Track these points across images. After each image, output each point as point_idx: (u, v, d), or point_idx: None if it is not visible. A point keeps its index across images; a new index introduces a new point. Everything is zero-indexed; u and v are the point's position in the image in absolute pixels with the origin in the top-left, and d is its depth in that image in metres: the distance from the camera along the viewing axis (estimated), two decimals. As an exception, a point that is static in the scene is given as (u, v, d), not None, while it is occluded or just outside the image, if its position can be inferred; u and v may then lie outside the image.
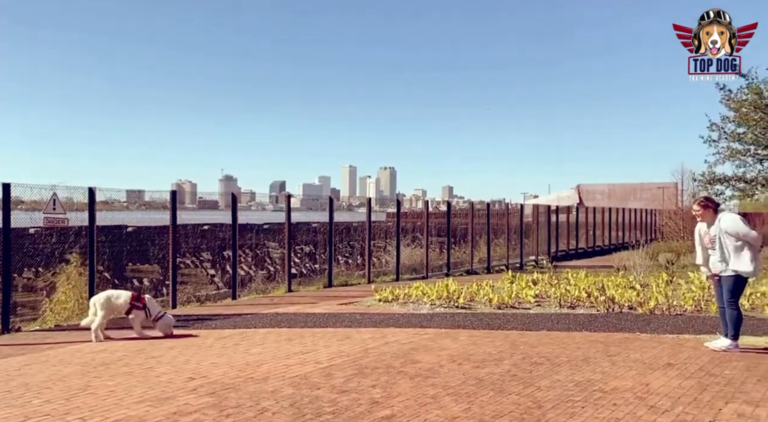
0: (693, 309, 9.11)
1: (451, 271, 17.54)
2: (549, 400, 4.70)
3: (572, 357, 6.21)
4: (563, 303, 9.83)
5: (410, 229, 19.97)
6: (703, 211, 6.54)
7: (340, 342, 7.05)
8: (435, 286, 10.91)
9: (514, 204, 25.34)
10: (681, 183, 32.48)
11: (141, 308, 7.53)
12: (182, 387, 5.15)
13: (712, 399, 4.71)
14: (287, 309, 10.07)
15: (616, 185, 56.69)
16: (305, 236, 18.27)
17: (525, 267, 20.08)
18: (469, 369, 5.70)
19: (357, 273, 16.26)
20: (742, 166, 9.16)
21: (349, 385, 5.14)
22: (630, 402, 4.65)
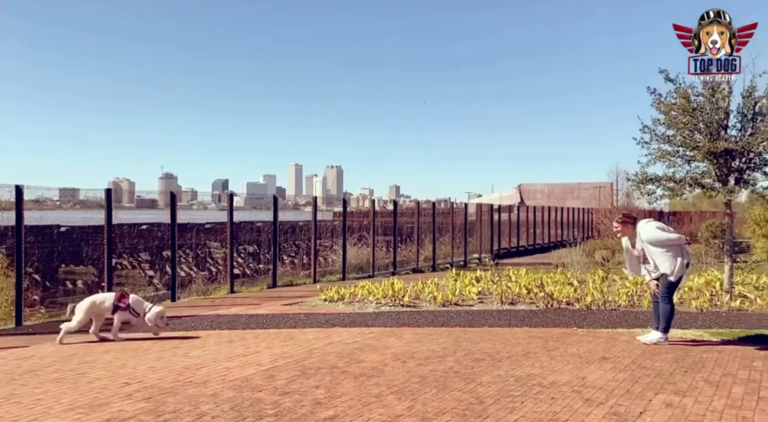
0: (627, 304, 9.49)
1: (397, 270, 17.63)
2: (490, 396, 4.78)
3: (513, 352, 6.35)
4: (504, 299, 10.05)
5: (357, 228, 19.96)
6: (623, 226, 6.86)
7: (283, 343, 6.95)
8: (381, 285, 10.94)
9: (459, 203, 25.76)
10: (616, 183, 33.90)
11: (124, 309, 7.33)
12: (117, 392, 4.95)
13: (644, 391, 4.91)
14: (229, 310, 9.86)
15: (556, 185, 58.53)
16: (249, 236, 17.94)
17: (469, 265, 20.42)
18: (413, 366, 5.73)
19: (302, 273, 16.11)
20: (672, 166, 9.55)
21: (291, 386, 5.07)
22: (567, 395, 4.79)
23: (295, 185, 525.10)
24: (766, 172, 9.27)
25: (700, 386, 5.05)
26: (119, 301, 7.34)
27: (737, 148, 8.93)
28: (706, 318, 8.41)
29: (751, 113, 9.12)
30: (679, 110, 9.14)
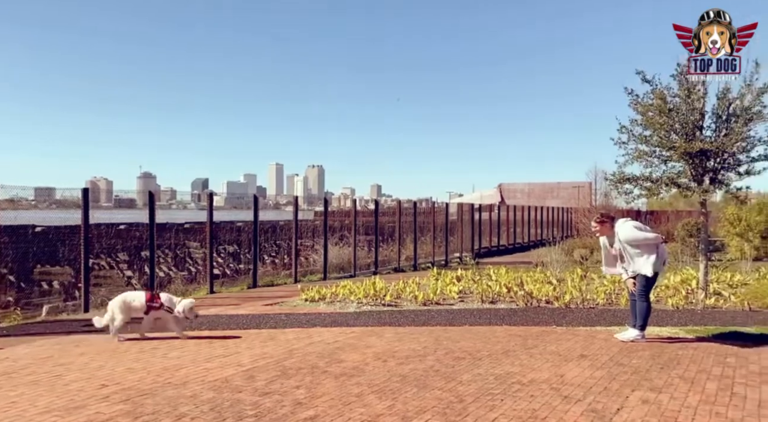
0: (605, 302, 9.62)
1: (378, 269, 17.64)
2: (470, 394, 4.81)
3: (493, 351, 6.39)
4: (485, 298, 10.12)
5: (338, 228, 19.92)
6: (601, 226, 6.95)
7: (263, 343, 6.91)
8: (362, 285, 10.93)
9: (440, 202, 25.88)
10: (594, 182, 34.32)
11: (158, 308, 7.22)
12: (93, 394, 4.88)
13: (621, 388, 4.99)
14: (209, 310, 9.76)
15: (536, 184, 59.04)
16: (229, 235, 17.82)
17: (450, 264, 20.51)
18: (393, 366, 5.75)
19: (283, 273, 16.03)
20: (649, 166, 9.67)
21: (272, 387, 5.05)
22: (546, 393, 4.84)
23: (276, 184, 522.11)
24: (739, 172, 9.45)
25: (676, 382, 5.14)
26: (151, 301, 7.24)
27: (712, 149, 9.09)
28: (681, 315, 8.56)
29: (726, 114, 9.29)
30: (655, 111, 9.28)
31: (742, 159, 9.38)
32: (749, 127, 9.11)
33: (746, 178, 9.51)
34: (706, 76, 9.26)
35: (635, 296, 6.83)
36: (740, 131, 9.02)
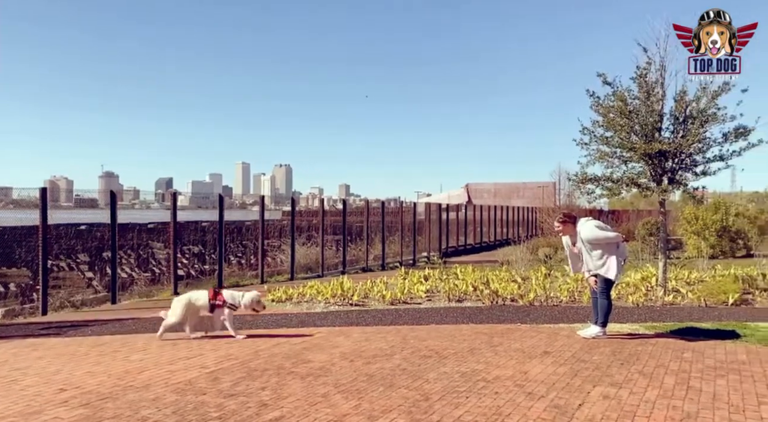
0: (568, 300, 9.81)
1: (346, 269, 17.60)
2: (436, 392, 4.85)
3: (459, 349, 6.45)
4: (452, 297, 10.21)
5: (306, 228, 19.83)
6: (563, 226, 7.08)
7: (228, 345, 6.83)
8: (330, 284, 10.90)
9: (408, 202, 25.99)
10: (558, 182, 34.89)
11: (221, 305, 7.12)
12: (51, 399, 4.74)
13: (583, 384, 5.09)
14: (173, 312, 9.60)
15: (502, 184, 59.80)
16: (194, 236, 17.53)
17: (418, 264, 20.61)
18: (360, 365, 5.75)
19: (250, 274, 15.86)
20: (610, 166, 9.90)
21: (237, 389, 4.99)
22: (510, 389, 4.91)
23: (242, 184, 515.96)
24: (696, 173, 9.75)
25: (635, 378, 5.28)
26: (214, 299, 7.16)
27: (670, 150, 9.36)
28: (641, 312, 8.80)
29: (683, 116, 9.58)
30: (616, 112, 9.51)
31: (698, 160, 9.68)
32: (705, 128, 9.41)
33: (702, 178, 9.83)
34: (664, 79, 9.52)
35: (597, 294, 6.98)
36: (696, 133, 9.31)
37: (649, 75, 9.44)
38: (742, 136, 9.44)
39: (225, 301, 7.15)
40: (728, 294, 9.39)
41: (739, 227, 20.17)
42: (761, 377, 5.29)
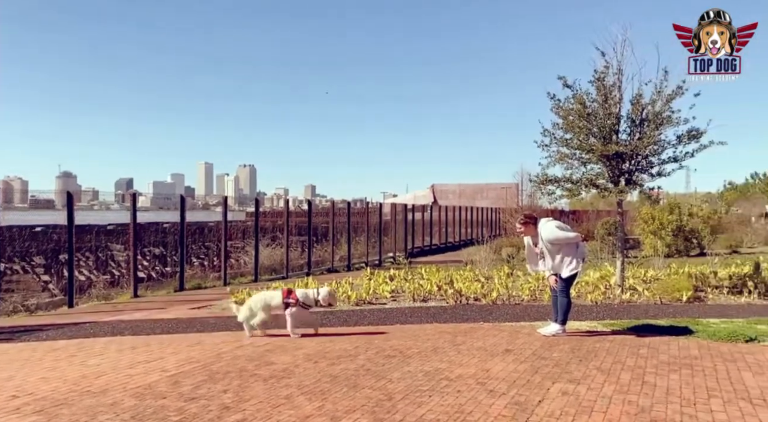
0: (529, 298, 9.99)
1: (312, 270, 17.52)
2: (399, 391, 4.88)
3: (422, 348, 6.50)
4: (417, 297, 10.27)
5: (270, 229, 19.64)
6: (525, 227, 7.21)
7: (190, 348, 6.73)
8: (294, 286, 10.81)
9: (375, 203, 26.03)
10: (521, 183, 35.50)
11: (294, 304, 7.24)
12: (3, 407, 4.59)
13: (542, 380, 5.20)
14: (132, 315, 9.41)
15: (466, 185, 60.44)
16: (155, 237, 17.17)
17: (383, 264, 20.66)
18: (324, 366, 5.74)
19: (212, 276, 15.63)
20: (570, 168, 10.13)
21: (198, 392, 4.92)
22: (472, 387, 4.98)
23: (205, 184, 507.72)
24: (651, 174, 10.06)
25: (593, 374, 5.42)
26: (288, 297, 7.26)
27: (627, 152, 9.63)
28: (600, 310, 9.02)
29: (639, 119, 9.87)
30: (575, 115, 9.73)
31: (653, 161, 9.99)
32: (660, 131, 9.71)
33: (658, 179, 10.16)
34: (621, 82, 9.79)
35: (557, 292, 7.13)
36: (652, 135, 9.61)
37: (607, 78, 9.71)
38: (695, 138, 9.78)
39: (297, 300, 7.27)
40: (682, 292, 9.70)
41: (693, 227, 20.87)
42: (711, 371, 5.49)
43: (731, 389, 4.93)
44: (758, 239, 25.91)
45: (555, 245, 6.96)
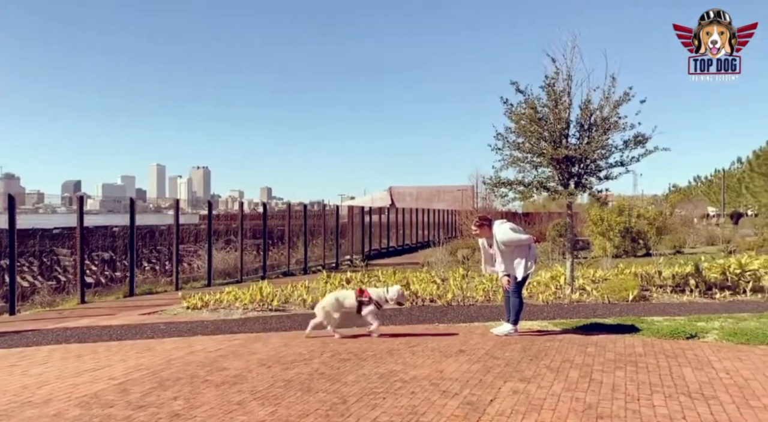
0: (483, 299, 10.14)
1: (267, 274, 17.31)
2: (354, 394, 4.88)
3: (378, 350, 6.52)
4: (372, 299, 10.26)
5: (225, 232, 19.31)
6: (480, 229, 7.35)
7: (139, 354, 6.55)
8: (249, 290, 10.67)
9: (332, 205, 25.92)
10: (476, 186, 35.99)
11: (368, 303, 7.25)
12: (-64, 422, 4.37)
13: (495, 380, 5.29)
14: (79, 322, 9.08)
15: (423, 187, 60.93)
16: (104, 241, 16.63)
17: (341, 267, 20.59)
18: (278, 371, 5.68)
19: (164, 280, 15.25)
20: (522, 171, 10.33)
21: (147, 400, 4.80)
22: (426, 389, 5.03)
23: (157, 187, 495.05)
24: (599, 177, 10.37)
25: (543, 372, 5.55)
26: (361, 296, 7.28)
27: (576, 155, 9.90)
28: (550, 310, 9.24)
29: (587, 124, 10.16)
30: (527, 120, 9.95)
31: (601, 165, 10.29)
32: (607, 135, 10.02)
33: (605, 182, 10.47)
34: (570, 88, 10.06)
35: (509, 293, 7.28)
36: (600, 140, 9.91)
37: (557, 84, 9.96)
38: (641, 143, 10.13)
39: (371, 298, 7.30)
40: (629, 291, 10.03)
41: (640, 228, 21.61)
42: (655, 368, 5.71)
43: (672, 384, 5.13)
44: (700, 239, 27.04)
45: (509, 246, 7.11)
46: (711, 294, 10.33)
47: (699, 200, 69.53)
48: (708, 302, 9.84)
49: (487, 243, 7.36)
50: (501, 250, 7.16)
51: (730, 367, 5.67)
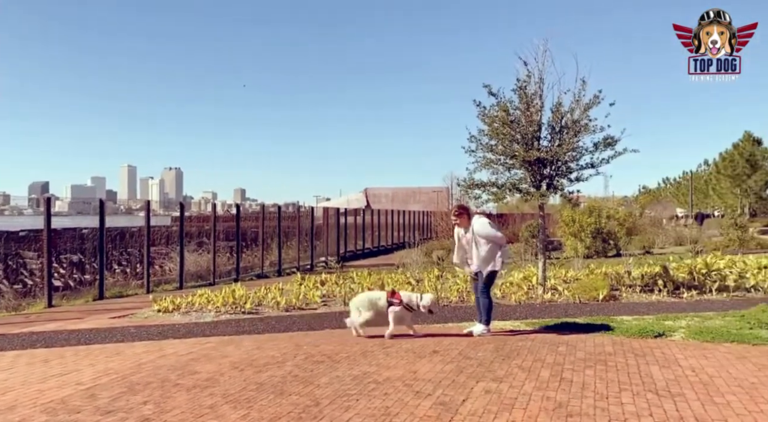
0: (457, 300, 10.21)
1: (240, 276, 17.15)
2: (327, 396, 4.87)
3: (352, 352, 6.52)
4: (348, 301, 10.24)
5: (197, 234, 19.06)
6: (460, 218, 7.45)
7: (108, 359, 6.43)
8: (221, 292, 10.57)
9: (307, 207, 25.79)
10: (450, 187, 36.25)
11: (398, 304, 7.26)
12: None
13: (467, 380, 5.33)
14: (46, 326, 8.88)
15: (399, 189, 61.07)
16: (72, 243, 16.26)
17: (316, 269, 20.51)
18: (250, 374, 5.64)
19: (135, 283, 15.00)
20: (495, 173, 10.44)
21: (116, 404, 4.72)
22: (399, 389, 5.04)
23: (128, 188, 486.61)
24: (570, 179, 10.53)
25: (515, 372, 5.61)
26: (392, 297, 7.34)
27: (548, 157, 10.04)
28: (523, 309, 9.35)
29: (559, 126, 10.31)
30: (500, 122, 10.06)
31: (572, 166, 10.45)
32: (578, 138, 10.18)
33: (576, 183, 10.64)
34: (542, 91, 10.19)
35: (479, 293, 7.37)
36: (571, 142, 10.06)
37: (529, 87, 10.09)
38: (610, 145, 10.32)
39: (401, 301, 7.30)
40: (599, 291, 10.21)
41: (610, 229, 21.98)
42: (623, 366, 5.82)
43: (640, 382, 5.24)
44: (668, 240, 27.62)
45: (484, 240, 7.21)
46: (678, 293, 10.57)
47: (668, 201, 71.12)
48: (675, 301, 10.06)
49: (464, 233, 7.44)
50: (476, 243, 7.24)
51: (695, 365, 5.81)
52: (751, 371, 5.57)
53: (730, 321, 8.05)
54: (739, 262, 13.25)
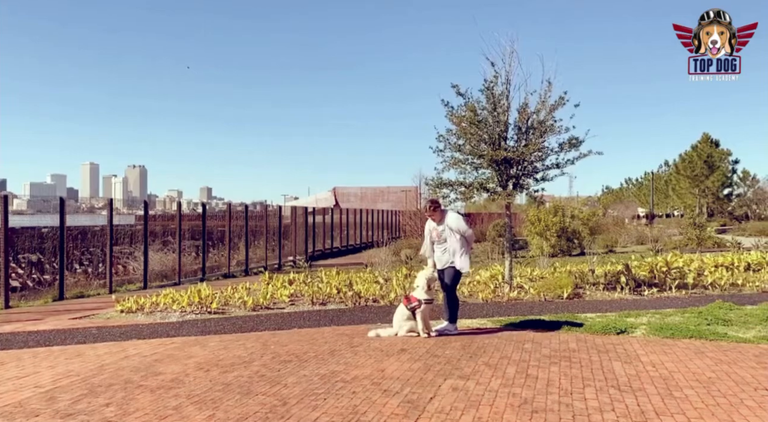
0: (425, 299, 10.25)
1: (206, 276, 16.91)
2: (294, 396, 4.84)
3: (319, 351, 6.49)
4: (315, 300, 10.23)
5: (162, 233, 18.69)
6: (434, 212, 7.51)
7: (68, 360, 6.27)
8: (187, 292, 10.40)
9: (274, 206, 25.57)
10: (419, 186, 36.41)
11: (419, 305, 7.21)
12: None
13: (435, 378, 5.37)
14: (2, 328, 8.60)
15: (368, 188, 61.04)
16: (31, 242, 15.77)
17: (283, 268, 20.36)
18: (216, 375, 5.56)
19: (97, 283, 14.65)
20: (463, 172, 10.56)
21: (77, 407, 4.59)
22: (367, 388, 5.04)
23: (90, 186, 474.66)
24: (537, 179, 10.71)
25: (482, 369, 5.67)
26: (409, 303, 7.31)
27: (514, 157, 10.19)
28: (489, 307, 9.46)
29: (525, 127, 10.48)
30: (468, 122, 10.16)
31: (538, 167, 10.64)
32: (544, 138, 10.37)
33: (542, 183, 10.83)
34: (509, 92, 10.34)
35: (445, 292, 7.44)
36: (536, 142, 10.23)
37: (496, 88, 10.22)
38: (575, 146, 10.53)
39: (419, 301, 7.24)
40: (564, 289, 10.40)
41: (575, 228, 22.42)
42: (587, 362, 5.94)
43: (603, 378, 5.36)
44: (631, 239, 28.32)
45: (455, 235, 7.28)
46: (640, 291, 10.84)
47: (630, 201, 72.93)
48: (637, 299, 10.32)
49: (435, 225, 7.48)
50: (446, 237, 7.31)
51: (656, 360, 5.97)
52: (709, 366, 5.75)
53: (688, 317, 8.30)
54: (697, 261, 13.68)
